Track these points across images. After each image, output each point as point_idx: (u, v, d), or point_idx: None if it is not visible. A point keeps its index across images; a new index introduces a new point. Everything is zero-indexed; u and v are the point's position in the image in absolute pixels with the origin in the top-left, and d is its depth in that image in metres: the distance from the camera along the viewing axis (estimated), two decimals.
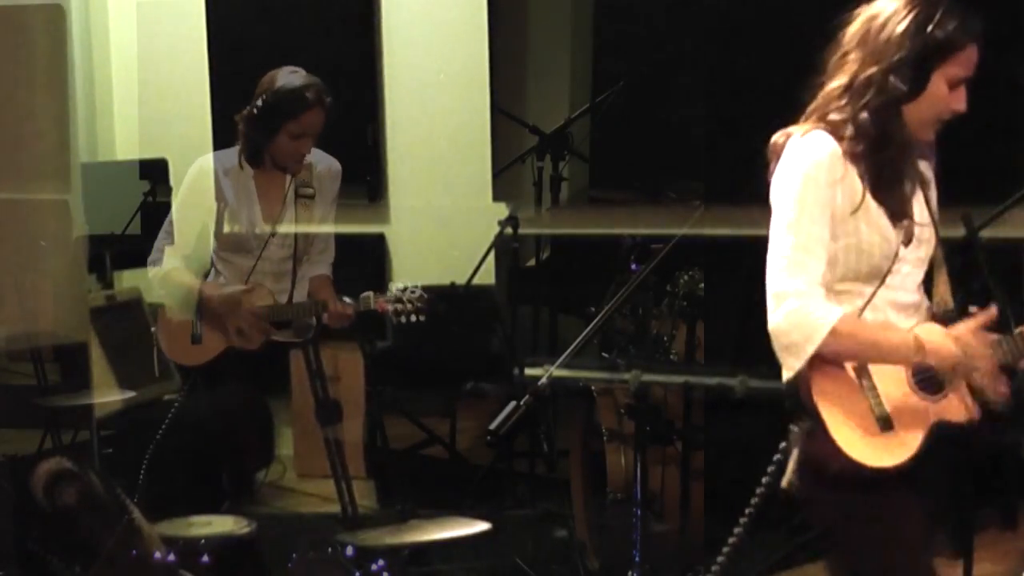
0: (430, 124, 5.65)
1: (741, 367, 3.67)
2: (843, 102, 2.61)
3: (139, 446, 4.12)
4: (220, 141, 4.98)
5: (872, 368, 2.59)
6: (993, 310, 2.65)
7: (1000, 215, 3.46)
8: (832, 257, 2.61)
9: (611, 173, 5.44)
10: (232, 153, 4.20)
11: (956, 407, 2.62)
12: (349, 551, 3.20)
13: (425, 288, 3.88)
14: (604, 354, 3.98)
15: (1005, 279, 3.45)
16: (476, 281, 4.41)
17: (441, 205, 5.58)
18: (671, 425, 3.90)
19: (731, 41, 4.29)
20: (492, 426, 2.28)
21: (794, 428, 2.54)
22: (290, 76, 4.08)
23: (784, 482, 2.53)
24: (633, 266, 3.93)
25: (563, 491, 4.28)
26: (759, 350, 2.63)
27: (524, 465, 4.61)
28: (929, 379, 2.61)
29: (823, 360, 2.56)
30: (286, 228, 4.22)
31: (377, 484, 4.68)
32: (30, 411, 4.63)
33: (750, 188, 2.88)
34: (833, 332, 2.53)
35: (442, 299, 3.96)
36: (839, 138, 2.61)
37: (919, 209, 2.71)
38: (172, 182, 5.32)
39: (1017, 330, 2.63)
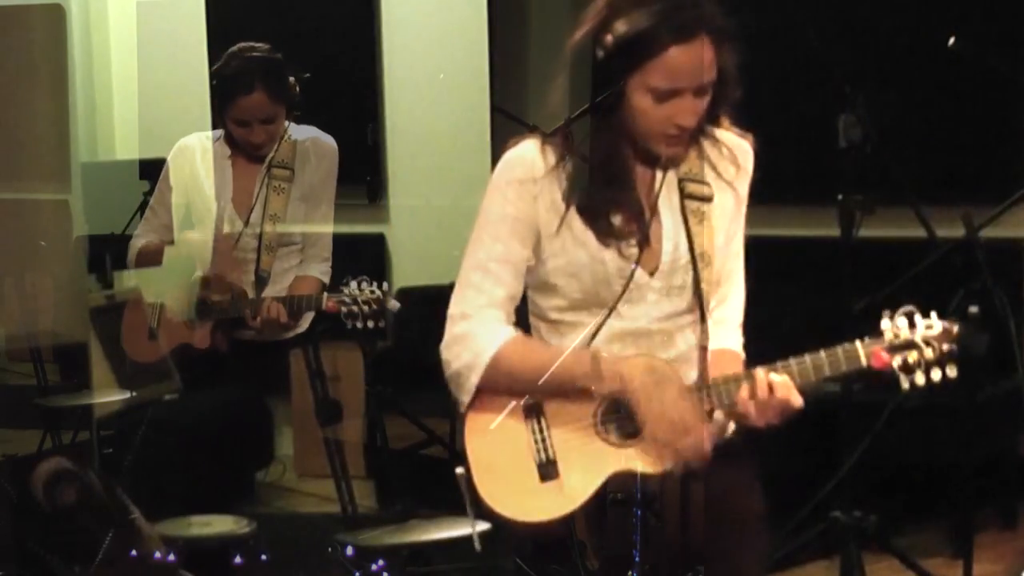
0: (430, 124, 5.64)
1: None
2: (556, 106, 2.41)
3: (139, 446, 4.12)
4: None
5: (550, 408, 2.31)
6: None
7: (1000, 215, 3.47)
8: (545, 282, 2.37)
9: None
10: (217, 133, 4.01)
11: (646, 456, 2.29)
12: (349, 551, 3.20)
13: (424, 288, 3.81)
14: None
15: (1005, 279, 3.45)
16: None
17: (441, 205, 5.58)
18: None
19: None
20: (492, 426, 2.28)
21: (458, 472, 2.28)
22: (231, 57, 3.84)
23: (476, 544, 2.29)
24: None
25: None
26: (760, 350, 2.62)
27: None
28: (621, 422, 2.32)
29: (490, 393, 2.30)
30: (255, 216, 3.97)
31: (377, 484, 4.67)
32: (30, 411, 4.62)
33: (750, 188, 2.86)
34: (496, 358, 2.28)
35: (400, 300, 3.62)
36: (553, 148, 2.37)
37: (669, 233, 2.39)
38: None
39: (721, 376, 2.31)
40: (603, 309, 2.36)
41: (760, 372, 2.26)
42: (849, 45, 4.19)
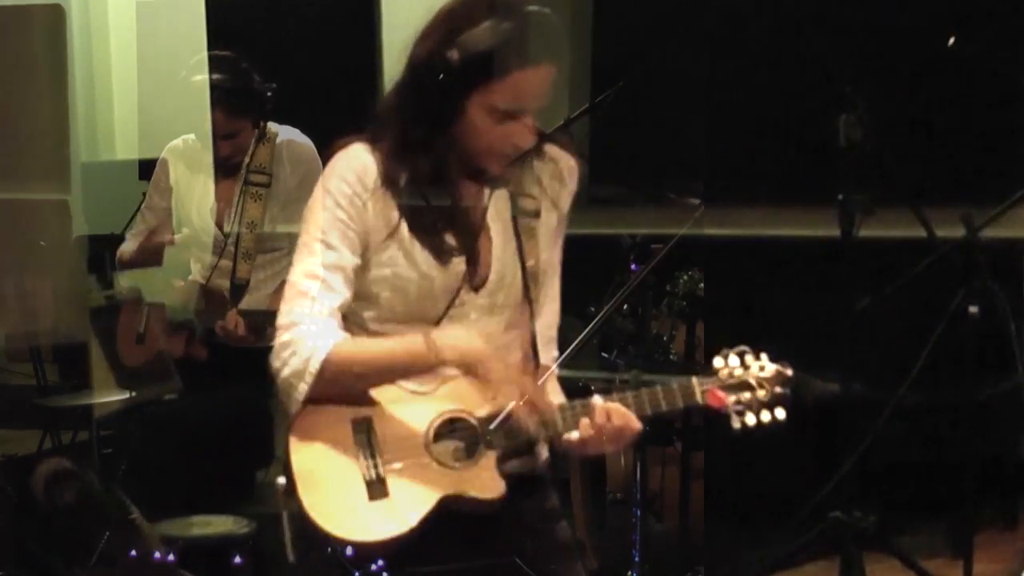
0: None
1: None
2: (390, 114, 2.34)
3: (139, 446, 4.12)
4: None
5: (380, 425, 2.24)
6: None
7: (1000, 215, 3.47)
8: (366, 291, 2.30)
9: (611, 173, 5.44)
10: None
11: (481, 480, 2.22)
12: (349, 551, 3.20)
13: None
14: (604, 354, 3.98)
15: (1005, 279, 3.46)
16: None
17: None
18: (671, 425, 3.90)
19: (731, 41, 4.29)
20: (491, 427, 2.28)
21: (279, 483, 2.25)
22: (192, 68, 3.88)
23: (289, 556, 2.24)
24: (633, 266, 3.93)
25: (563, 491, 4.28)
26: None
27: None
28: (455, 443, 2.26)
29: (320, 402, 2.24)
30: (233, 223, 3.97)
31: None
32: (30, 411, 4.62)
33: (750, 188, 2.86)
34: (328, 360, 2.20)
35: None
36: (382, 153, 2.30)
37: (498, 249, 2.35)
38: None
39: (583, 400, 2.29)
40: (424, 324, 2.30)
41: (598, 399, 2.28)
42: (849, 45, 4.19)
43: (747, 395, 2.29)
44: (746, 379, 2.30)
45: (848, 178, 3.31)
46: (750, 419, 2.28)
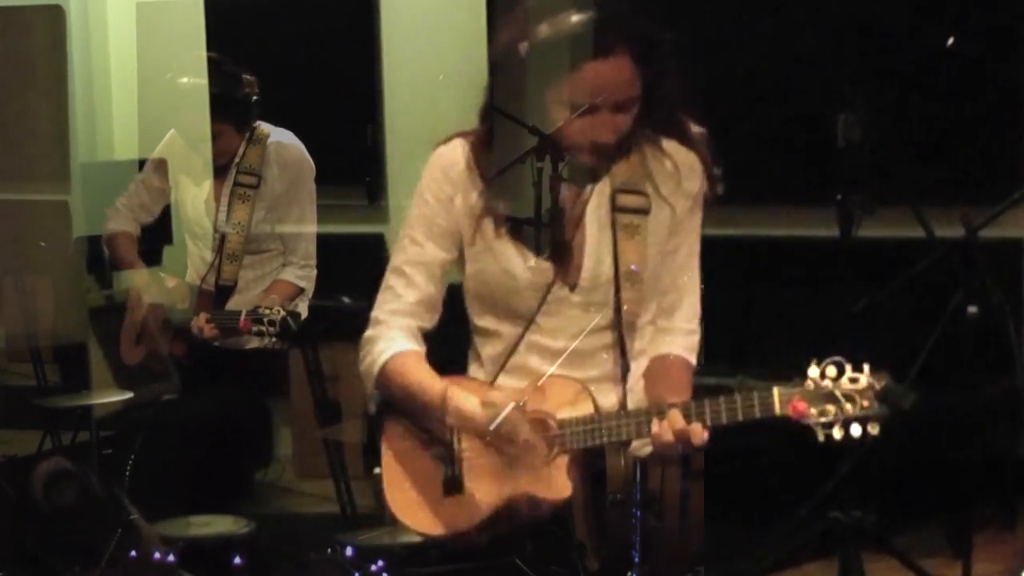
0: (430, 125, 5.63)
1: (740, 367, 3.66)
2: (483, 109, 2.34)
3: (139, 446, 4.12)
4: None
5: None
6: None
7: (999, 215, 3.47)
8: (466, 286, 2.34)
9: None
10: None
11: (548, 481, 2.24)
12: (349, 551, 3.20)
13: None
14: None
15: (1005, 279, 3.45)
16: None
17: None
18: None
19: (730, 40, 4.29)
20: (491, 427, 2.27)
21: (375, 473, 2.32)
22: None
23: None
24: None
25: None
26: (759, 350, 2.62)
27: None
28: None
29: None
30: (220, 224, 3.98)
31: None
32: (30, 411, 4.62)
33: (750, 188, 2.85)
34: (381, 372, 2.30)
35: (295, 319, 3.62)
36: (478, 149, 2.31)
37: (593, 247, 2.32)
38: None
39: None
40: (518, 320, 2.30)
41: (668, 408, 2.24)
42: (849, 45, 4.19)
43: (833, 408, 2.15)
44: (833, 391, 2.15)
45: (848, 178, 3.31)
46: (836, 433, 2.14)
